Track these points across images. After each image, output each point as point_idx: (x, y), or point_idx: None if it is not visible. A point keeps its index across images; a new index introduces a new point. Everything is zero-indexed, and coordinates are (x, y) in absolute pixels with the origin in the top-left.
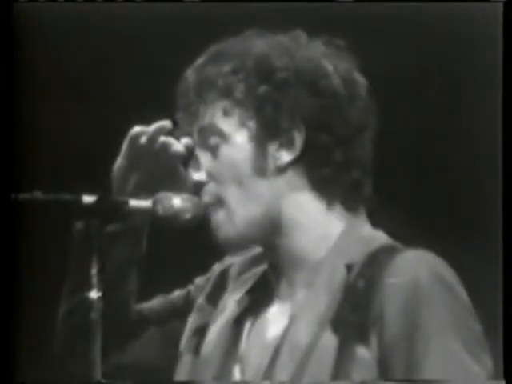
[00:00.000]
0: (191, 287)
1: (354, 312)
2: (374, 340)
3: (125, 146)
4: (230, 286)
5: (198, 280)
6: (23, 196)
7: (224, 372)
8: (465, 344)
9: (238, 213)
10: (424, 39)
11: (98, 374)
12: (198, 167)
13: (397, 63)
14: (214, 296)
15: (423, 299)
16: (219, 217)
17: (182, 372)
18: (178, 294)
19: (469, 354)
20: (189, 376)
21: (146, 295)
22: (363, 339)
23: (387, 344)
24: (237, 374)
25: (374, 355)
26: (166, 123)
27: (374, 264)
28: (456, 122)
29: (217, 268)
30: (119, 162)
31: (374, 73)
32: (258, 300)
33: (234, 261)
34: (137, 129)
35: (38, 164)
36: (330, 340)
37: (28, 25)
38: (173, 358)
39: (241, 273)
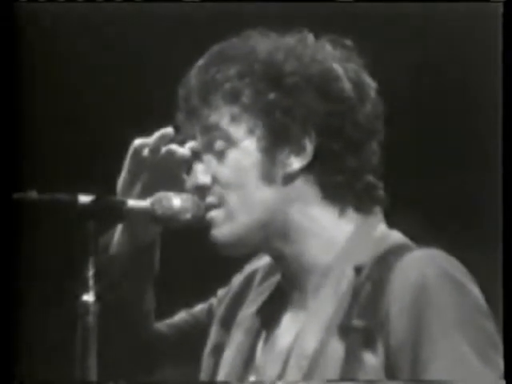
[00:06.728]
0: (213, 300)
1: (361, 316)
2: (380, 345)
3: (128, 159)
4: (249, 297)
5: (220, 292)
6: (19, 196)
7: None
8: (474, 345)
9: (238, 216)
10: (424, 39)
11: (93, 376)
12: (202, 170)
13: (396, 64)
14: (233, 309)
15: (430, 300)
16: (218, 216)
17: None
18: (200, 308)
19: (478, 356)
20: None
21: (166, 311)
22: (370, 344)
23: (393, 349)
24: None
25: (381, 360)
26: (168, 130)
27: (382, 265)
28: (456, 122)
29: (236, 280)
30: (123, 176)
31: (374, 74)
32: (272, 310)
33: (253, 270)
34: (138, 141)
35: (35, 164)
36: (336, 346)
37: (28, 25)
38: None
39: (259, 284)
